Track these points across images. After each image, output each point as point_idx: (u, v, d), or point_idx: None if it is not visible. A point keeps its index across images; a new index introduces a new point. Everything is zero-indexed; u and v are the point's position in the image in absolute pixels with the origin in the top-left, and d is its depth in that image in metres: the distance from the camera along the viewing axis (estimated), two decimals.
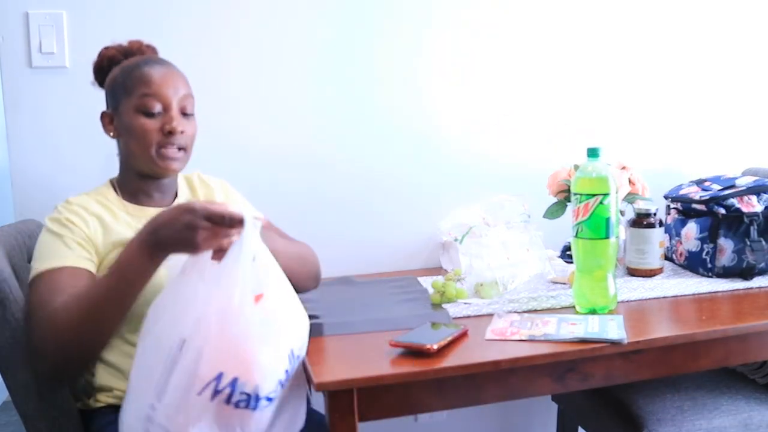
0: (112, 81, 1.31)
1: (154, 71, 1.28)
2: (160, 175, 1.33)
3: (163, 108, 1.28)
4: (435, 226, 1.79)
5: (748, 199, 1.50)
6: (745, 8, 2.03)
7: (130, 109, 1.27)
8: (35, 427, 1.22)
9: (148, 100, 1.27)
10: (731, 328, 1.22)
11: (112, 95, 1.32)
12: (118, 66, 1.33)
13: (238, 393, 0.98)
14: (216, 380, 0.97)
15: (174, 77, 1.31)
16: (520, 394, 1.18)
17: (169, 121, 1.27)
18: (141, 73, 1.28)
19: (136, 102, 1.27)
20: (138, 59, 1.32)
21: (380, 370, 1.07)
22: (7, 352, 1.18)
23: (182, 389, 0.98)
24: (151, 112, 1.27)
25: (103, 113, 1.34)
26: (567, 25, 1.93)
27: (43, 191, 1.67)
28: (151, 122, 1.27)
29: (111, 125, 1.33)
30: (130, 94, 1.28)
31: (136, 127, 1.27)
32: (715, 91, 2.03)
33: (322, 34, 1.79)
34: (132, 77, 1.28)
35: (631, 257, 1.56)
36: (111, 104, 1.32)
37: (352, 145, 1.82)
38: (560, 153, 1.82)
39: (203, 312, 0.99)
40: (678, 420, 1.42)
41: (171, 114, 1.28)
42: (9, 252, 1.28)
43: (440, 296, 1.42)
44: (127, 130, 1.29)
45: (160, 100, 1.27)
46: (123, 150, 1.33)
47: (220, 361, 0.98)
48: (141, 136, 1.27)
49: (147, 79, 1.27)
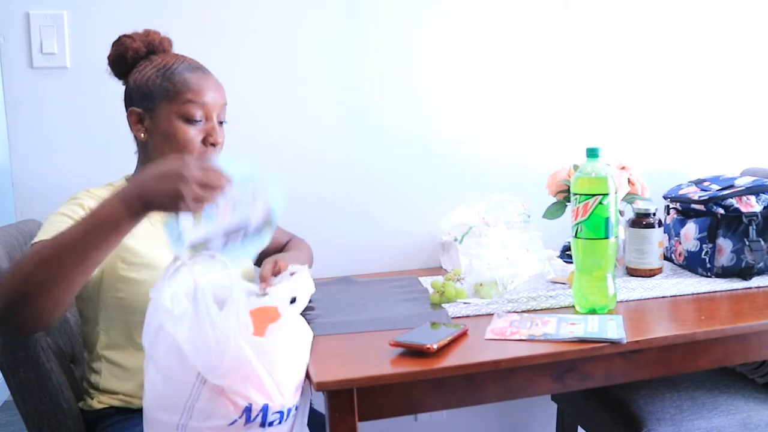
0: (147, 81, 1.28)
1: (198, 79, 1.28)
2: None
3: (205, 117, 1.28)
4: (435, 226, 1.79)
5: (746, 199, 1.50)
6: (745, 8, 2.04)
7: (171, 114, 1.26)
8: (36, 426, 1.22)
9: (192, 107, 1.26)
10: (730, 327, 1.22)
11: (147, 96, 1.28)
12: (150, 64, 1.29)
13: (271, 415, 1.00)
14: (246, 412, 0.98)
15: (216, 86, 1.30)
16: (519, 394, 1.19)
17: (212, 133, 1.28)
18: (185, 79, 1.27)
19: (178, 108, 1.26)
20: (175, 62, 1.29)
21: (380, 370, 1.07)
22: (9, 351, 1.18)
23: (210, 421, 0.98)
24: (193, 120, 1.26)
25: (132, 110, 1.29)
26: (567, 25, 1.93)
27: (44, 191, 1.67)
28: (192, 130, 1.26)
29: (141, 125, 1.29)
30: (172, 99, 1.26)
31: (178, 134, 1.25)
32: (715, 92, 2.03)
33: (320, 36, 1.79)
34: (174, 82, 1.26)
35: (631, 257, 1.56)
36: (143, 104, 1.28)
37: (352, 145, 1.83)
38: (560, 153, 1.82)
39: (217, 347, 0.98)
40: (677, 419, 1.42)
41: (212, 124, 1.28)
42: (10, 252, 1.28)
43: (440, 296, 1.42)
44: (164, 135, 1.26)
45: (203, 109, 1.27)
46: (152, 153, 1.29)
47: (244, 394, 0.98)
48: (182, 145, 1.26)
49: (192, 87, 1.27)
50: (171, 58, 1.31)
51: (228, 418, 0.98)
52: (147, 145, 1.30)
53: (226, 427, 0.99)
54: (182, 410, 0.99)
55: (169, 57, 1.31)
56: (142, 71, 1.29)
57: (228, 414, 0.98)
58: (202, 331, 0.98)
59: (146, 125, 1.28)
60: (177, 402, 0.99)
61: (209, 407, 0.98)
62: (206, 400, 0.98)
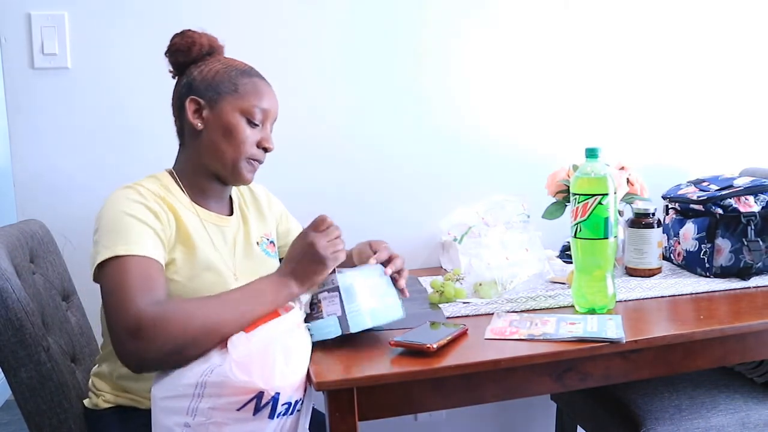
0: (216, 74, 1.29)
1: (265, 87, 1.32)
2: (234, 183, 1.33)
3: (262, 122, 1.30)
4: (435, 226, 1.80)
5: (745, 199, 1.51)
6: (744, 8, 2.04)
7: (236, 109, 1.27)
8: (38, 426, 1.22)
9: (257, 109, 1.28)
10: (729, 327, 1.22)
11: (213, 87, 1.28)
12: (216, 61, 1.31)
13: (280, 405, 1.03)
14: (257, 398, 1.01)
15: (276, 99, 1.34)
16: (519, 394, 1.19)
17: (267, 138, 1.31)
18: (255, 83, 1.30)
19: (244, 106, 1.27)
20: (245, 67, 1.32)
21: (380, 370, 1.08)
22: (10, 351, 1.19)
23: (218, 405, 1.02)
24: (254, 122, 1.29)
25: (193, 99, 1.28)
26: (567, 25, 1.93)
27: (45, 191, 1.68)
28: (251, 131, 1.28)
29: (199, 114, 1.28)
30: (239, 96, 1.28)
31: (239, 129, 1.27)
32: (714, 92, 2.04)
33: (326, 34, 1.80)
34: (244, 83, 1.29)
35: (630, 257, 1.57)
36: (205, 95, 1.28)
37: (352, 146, 1.83)
38: (559, 153, 1.83)
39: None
40: (676, 419, 1.42)
41: (267, 131, 1.32)
42: (11, 252, 1.28)
43: (439, 296, 1.43)
44: (224, 129, 1.27)
45: (264, 114, 1.30)
46: (205, 145, 1.28)
47: (258, 379, 1.02)
48: (240, 140, 1.27)
49: (261, 92, 1.30)
50: (237, 62, 1.33)
51: (237, 401, 1.00)
52: (201, 135, 1.29)
53: (234, 411, 1.01)
54: (194, 386, 1.02)
55: (235, 60, 1.34)
56: (209, 65, 1.31)
57: (238, 395, 1.01)
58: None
59: (205, 116, 1.28)
60: (191, 378, 1.03)
61: (220, 387, 1.01)
62: (219, 377, 1.01)
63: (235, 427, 1.02)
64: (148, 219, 1.18)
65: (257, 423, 1.02)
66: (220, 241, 1.31)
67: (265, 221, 1.46)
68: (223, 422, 1.01)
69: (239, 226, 1.38)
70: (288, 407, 1.05)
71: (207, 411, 1.01)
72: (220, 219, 1.33)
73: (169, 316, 1.05)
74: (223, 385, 1.00)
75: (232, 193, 1.42)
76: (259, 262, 1.37)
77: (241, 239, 1.36)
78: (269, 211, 1.49)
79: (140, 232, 1.15)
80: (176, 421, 1.03)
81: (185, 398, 1.02)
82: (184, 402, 1.02)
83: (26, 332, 1.19)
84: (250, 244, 1.38)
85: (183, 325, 1.05)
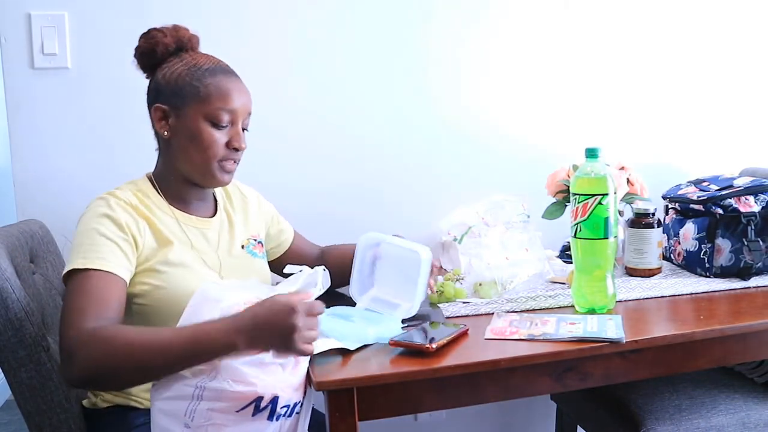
0: (177, 79, 1.26)
1: (229, 84, 1.27)
2: (210, 186, 1.33)
3: (231, 122, 1.27)
4: (435, 226, 1.79)
5: (745, 199, 1.51)
6: (743, 8, 2.04)
7: (200, 115, 1.25)
8: (37, 425, 1.22)
9: (222, 112, 1.25)
10: (729, 327, 1.22)
11: (176, 94, 1.25)
12: (180, 62, 1.28)
13: (280, 408, 1.03)
14: (256, 401, 1.01)
15: (245, 93, 1.30)
16: (519, 394, 1.19)
17: (236, 138, 1.27)
18: (218, 83, 1.26)
19: (208, 111, 1.24)
20: (209, 64, 1.28)
21: (380, 370, 1.08)
22: (10, 351, 1.19)
23: (217, 407, 1.01)
24: (221, 125, 1.26)
25: (157, 107, 1.27)
26: (567, 25, 1.93)
27: (45, 191, 1.68)
28: (218, 134, 1.26)
29: (165, 122, 1.27)
30: (202, 101, 1.24)
31: (204, 136, 1.25)
32: (714, 92, 2.04)
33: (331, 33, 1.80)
34: (207, 85, 1.25)
35: (630, 257, 1.57)
36: (169, 101, 1.26)
37: (352, 146, 1.83)
38: (559, 153, 1.83)
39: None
40: (676, 419, 1.42)
41: (237, 129, 1.28)
42: (11, 252, 1.28)
43: (438, 296, 1.43)
44: (190, 136, 1.25)
45: (231, 114, 1.27)
46: (176, 152, 1.28)
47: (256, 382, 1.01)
48: (207, 146, 1.25)
49: (225, 92, 1.26)
50: (202, 58, 1.29)
51: (236, 405, 1.00)
52: (170, 143, 1.28)
53: (233, 413, 1.01)
54: (194, 388, 1.02)
55: (200, 57, 1.30)
56: (172, 68, 1.27)
57: (236, 400, 1.01)
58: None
59: (171, 123, 1.27)
60: (190, 380, 1.02)
61: (219, 392, 1.01)
62: (218, 383, 1.01)
63: (235, 428, 1.02)
64: (109, 232, 1.18)
65: (257, 425, 1.02)
66: (201, 242, 1.31)
67: (254, 222, 1.45)
68: (222, 424, 1.01)
69: (222, 227, 1.37)
70: (287, 409, 1.05)
71: (206, 413, 1.01)
72: (201, 221, 1.33)
73: (97, 343, 1.05)
74: (222, 391, 1.00)
75: (216, 194, 1.42)
76: (246, 263, 1.38)
77: (225, 240, 1.36)
78: (259, 211, 1.48)
79: (100, 245, 1.17)
80: (175, 422, 1.03)
81: (184, 400, 1.02)
82: (183, 403, 1.02)
83: (26, 332, 1.19)
84: (236, 246, 1.37)
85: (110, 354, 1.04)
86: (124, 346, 1.04)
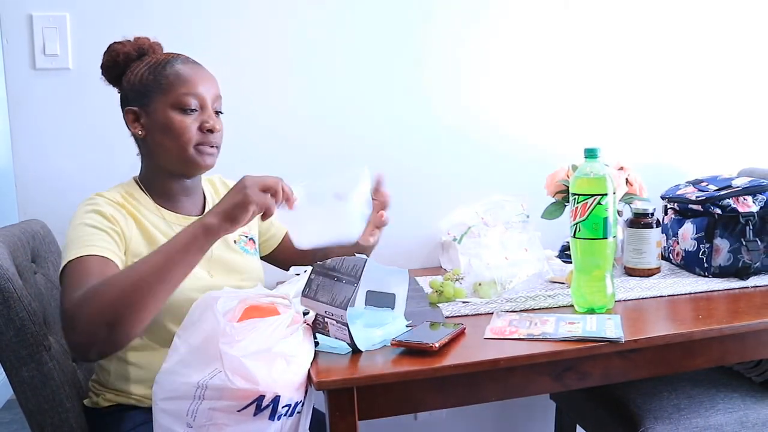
0: (140, 79, 1.29)
1: (190, 70, 1.30)
2: (193, 173, 1.34)
3: (200, 106, 1.29)
4: (434, 226, 1.80)
5: (743, 199, 1.51)
6: (743, 8, 2.04)
7: (166, 106, 1.27)
8: (39, 424, 1.23)
9: (186, 97, 1.27)
10: (727, 327, 1.22)
11: (141, 93, 1.29)
12: (141, 64, 1.31)
13: (281, 407, 1.04)
14: (257, 400, 1.02)
15: (208, 76, 1.32)
16: (518, 393, 1.19)
17: (208, 119, 1.29)
18: (176, 71, 1.28)
19: (173, 99, 1.27)
20: (167, 58, 1.31)
21: (380, 369, 1.08)
22: (12, 350, 1.19)
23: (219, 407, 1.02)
24: (188, 109, 1.27)
25: (127, 110, 1.31)
26: (566, 25, 1.94)
27: (47, 191, 1.68)
28: (188, 119, 1.28)
29: (137, 123, 1.30)
30: (165, 92, 1.27)
31: (174, 124, 1.27)
32: (712, 92, 2.04)
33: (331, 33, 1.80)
34: (166, 75, 1.28)
35: (629, 257, 1.57)
36: (138, 102, 1.29)
37: (352, 146, 1.84)
38: (558, 153, 1.83)
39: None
40: (675, 418, 1.43)
41: (208, 112, 1.30)
42: (13, 252, 1.29)
43: (438, 295, 1.43)
44: (161, 128, 1.28)
45: (197, 98, 1.28)
46: (153, 148, 1.31)
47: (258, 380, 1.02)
48: (179, 133, 1.27)
49: (184, 77, 1.28)
50: (162, 56, 1.32)
51: (238, 404, 1.01)
52: (147, 141, 1.31)
53: (235, 413, 1.01)
54: (195, 388, 1.02)
55: (160, 55, 1.33)
56: (135, 71, 1.31)
57: (238, 399, 1.01)
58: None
59: (143, 122, 1.30)
60: (192, 379, 1.03)
61: (221, 390, 1.01)
62: (219, 381, 1.01)
63: (236, 428, 1.02)
64: (97, 223, 1.22)
65: (258, 424, 1.03)
66: None
67: None
68: (224, 423, 1.02)
69: None
70: (289, 409, 1.05)
71: (207, 412, 1.02)
72: (188, 220, 1.33)
73: (88, 296, 1.07)
74: (224, 389, 1.01)
75: (206, 192, 1.43)
76: (236, 259, 1.39)
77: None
78: None
79: (89, 234, 1.20)
80: (177, 422, 1.03)
81: (186, 399, 1.03)
82: (184, 403, 1.03)
83: (28, 332, 1.19)
84: (226, 242, 1.38)
85: (101, 296, 1.06)
86: (111, 279, 1.09)
